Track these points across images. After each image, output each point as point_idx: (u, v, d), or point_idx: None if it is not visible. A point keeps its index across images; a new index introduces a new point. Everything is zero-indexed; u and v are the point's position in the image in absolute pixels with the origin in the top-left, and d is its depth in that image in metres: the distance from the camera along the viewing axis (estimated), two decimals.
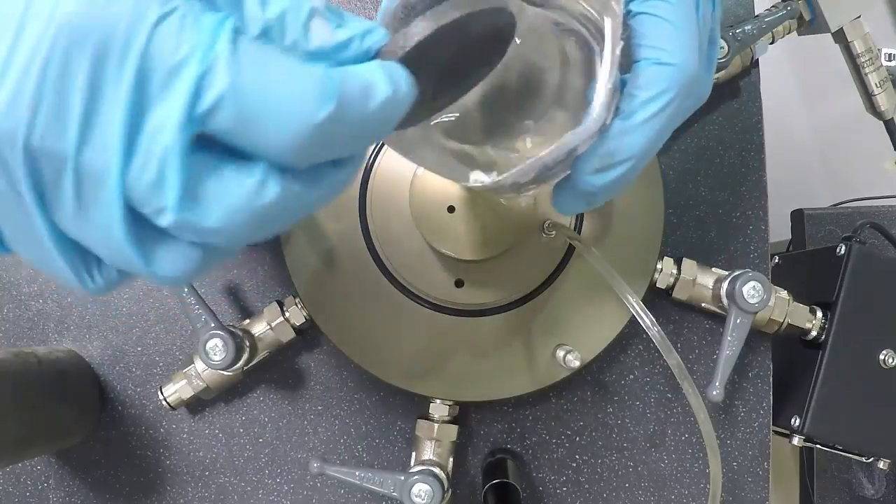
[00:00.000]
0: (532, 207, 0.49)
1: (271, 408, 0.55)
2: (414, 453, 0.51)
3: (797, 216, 0.86)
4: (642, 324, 0.46)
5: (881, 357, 0.52)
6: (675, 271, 0.52)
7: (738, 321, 0.49)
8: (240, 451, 0.55)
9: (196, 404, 0.55)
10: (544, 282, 0.51)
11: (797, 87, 1.48)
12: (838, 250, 0.54)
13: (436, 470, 0.47)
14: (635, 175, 0.34)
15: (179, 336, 0.55)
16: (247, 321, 0.52)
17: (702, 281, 0.52)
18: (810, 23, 0.57)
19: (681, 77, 0.32)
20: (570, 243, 0.50)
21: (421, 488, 0.45)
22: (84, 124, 0.21)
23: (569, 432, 0.55)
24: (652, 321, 0.46)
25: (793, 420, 0.53)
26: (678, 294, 0.52)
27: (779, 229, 0.73)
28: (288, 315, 0.51)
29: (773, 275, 0.57)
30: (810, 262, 0.60)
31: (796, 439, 0.53)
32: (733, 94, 0.57)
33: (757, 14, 0.55)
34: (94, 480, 0.55)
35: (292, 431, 0.55)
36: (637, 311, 0.46)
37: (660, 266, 0.52)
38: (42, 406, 0.48)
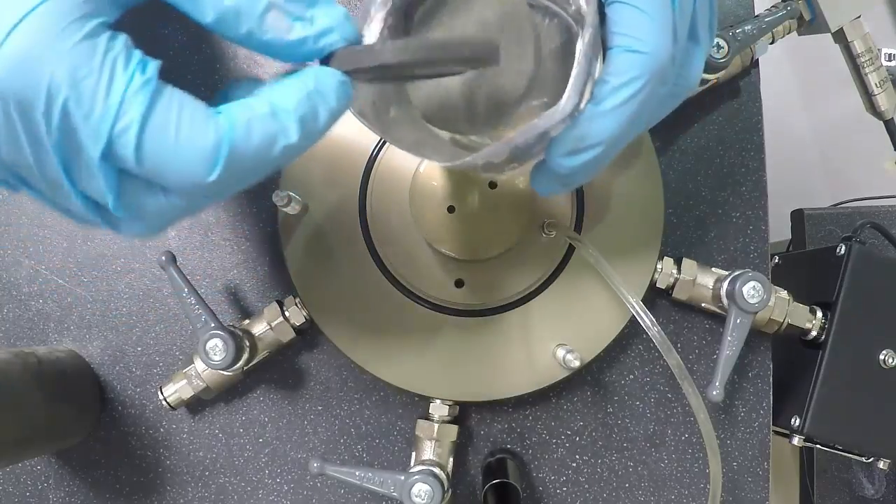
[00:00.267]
0: (531, 207, 0.49)
1: (271, 408, 0.55)
2: (414, 453, 0.51)
3: (797, 216, 0.86)
4: (642, 324, 0.46)
5: (881, 357, 0.52)
6: (675, 271, 0.52)
7: (738, 321, 0.49)
8: (240, 451, 0.55)
9: (196, 404, 0.54)
10: (544, 282, 0.51)
11: (797, 87, 1.48)
12: (838, 250, 0.54)
13: (436, 470, 0.47)
14: (608, 159, 0.34)
15: (179, 336, 0.55)
16: (247, 321, 0.52)
17: (702, 281, 0.52)
18: (810, 23, 0.57)
19: (652, 64, 0.32)
20: (570, 243, 0.50)
21: (421, 488, 0.45)
22: (35, 156, 0.27)
23: (569, 432, 0.55)
24: (652, 321, 0.46)
25: (793, 420, 0.53)
26: (678, 294, 0.52)
27: (779, 229, 0.73)
28: (288, 315, 0.51)
29: (773, 275, 0.57)
30: (810, 262, 0.60)
31: (796, 439, 0.53)
32: (733, 94, 0.57)
33: (757, 14, 0.55)
34: (94, 480, 0.55)
35: (292, 431, 0.55)
36: (637, 311, 0.46)
37: (660, 266, 0.52)
38: (42, 406, 0.48)
